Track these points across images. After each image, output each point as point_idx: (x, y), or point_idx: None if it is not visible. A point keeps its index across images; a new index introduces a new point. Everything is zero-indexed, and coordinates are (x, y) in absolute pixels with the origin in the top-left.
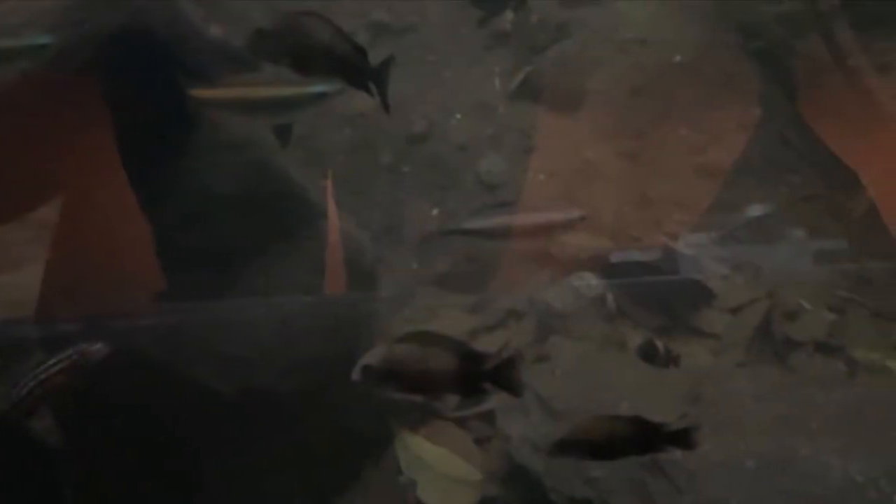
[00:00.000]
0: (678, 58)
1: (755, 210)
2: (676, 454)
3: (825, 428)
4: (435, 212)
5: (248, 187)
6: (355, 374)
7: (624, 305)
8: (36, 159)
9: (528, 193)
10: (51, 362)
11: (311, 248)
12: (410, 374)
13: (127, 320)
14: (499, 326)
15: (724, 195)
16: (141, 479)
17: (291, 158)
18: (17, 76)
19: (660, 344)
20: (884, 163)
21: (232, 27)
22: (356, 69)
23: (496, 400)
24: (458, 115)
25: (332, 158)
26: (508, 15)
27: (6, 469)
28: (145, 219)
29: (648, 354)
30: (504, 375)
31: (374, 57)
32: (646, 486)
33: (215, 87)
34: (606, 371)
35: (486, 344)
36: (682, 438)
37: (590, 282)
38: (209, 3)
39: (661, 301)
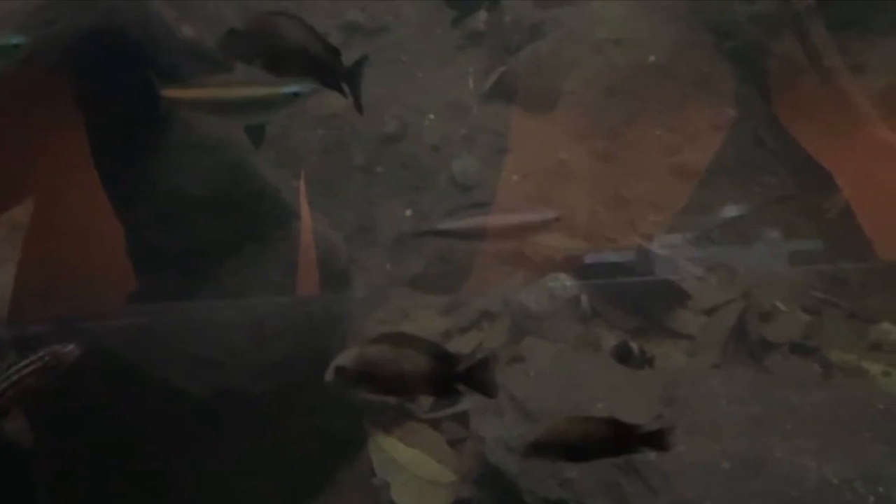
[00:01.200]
0: (652, 58)
1: (730, 211)
2: (651, 455)
3: (800, 429)
4: (408, 212)
5: (221, 188)
6: (328, 376)
7: (598, 306)
8: (7, 159)
9: (502, 194)
10: (22, 364)
11: (283, 248)
12: (384, 376)
13: (99, 321)
14: (473, 327)
15: (699, 196)
16: (113, 481)
17: (264, 159)
18: None
19: (634, 345)
20: (859, 163)
21: (204, 27)
22: (329, 69)
23: (470, 401)
24: (432, 116)
25: (304, 159)
26: (482, 15)
27: None
28: (117, 219)
29: (623, 355)
30: (478, 377)
31: (348, 57)
32: (620, 487)
33: (188, 88)
34: (581, 372)
35: (460, 345)
36: (657, 440)
37: (564, 283)
38: (181, 3)
39: (636, 302)
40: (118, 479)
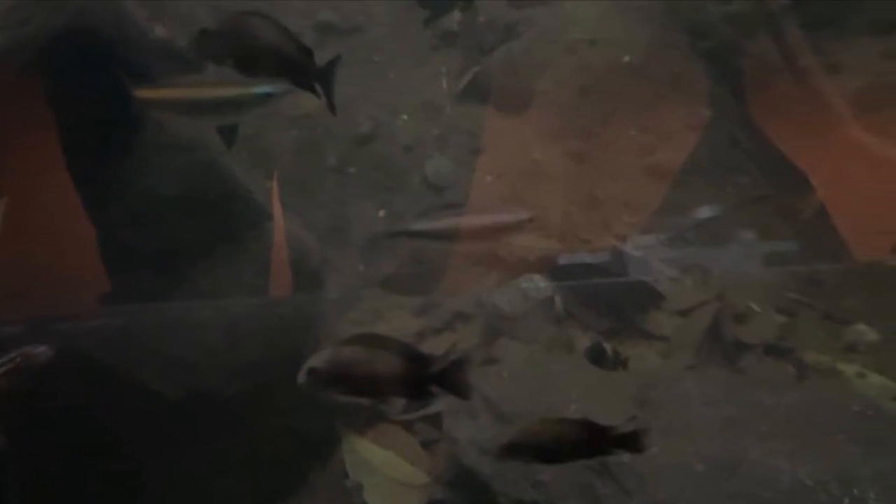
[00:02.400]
0: (627, 58)
1: (704, 211)
2: (625, 457)
3: (775, 431)
4: (381, 213)
5: (194, 188)
6: (301, 377)
7: (572, 307)
8: None
9: (475, 195)
10: None
11: (256, 249)
12: (357, 377)
13: (72, 322)
14: (446, 329)
15: (673, 196)
16: (86, 482)
17: (237, 159)
18: None
19: (608, 346)
20: (833, 164)
21: (177, 27)
22: (302, 70)
23: (443, 403)
24: (405, 116)
25: (277, 159)
26: (455, 15)
27: None
28: (90, 220)
29: (597, 357)
30: (451, 378)
31: (321, 57)
32: (594, 489)
33: (160, 88)
34: (554, 374)
35: (434, 346)
36: (631, 441)
37: (538, 284)
38: (154, 3)
39: (610, 303)
40: (92, 480)
